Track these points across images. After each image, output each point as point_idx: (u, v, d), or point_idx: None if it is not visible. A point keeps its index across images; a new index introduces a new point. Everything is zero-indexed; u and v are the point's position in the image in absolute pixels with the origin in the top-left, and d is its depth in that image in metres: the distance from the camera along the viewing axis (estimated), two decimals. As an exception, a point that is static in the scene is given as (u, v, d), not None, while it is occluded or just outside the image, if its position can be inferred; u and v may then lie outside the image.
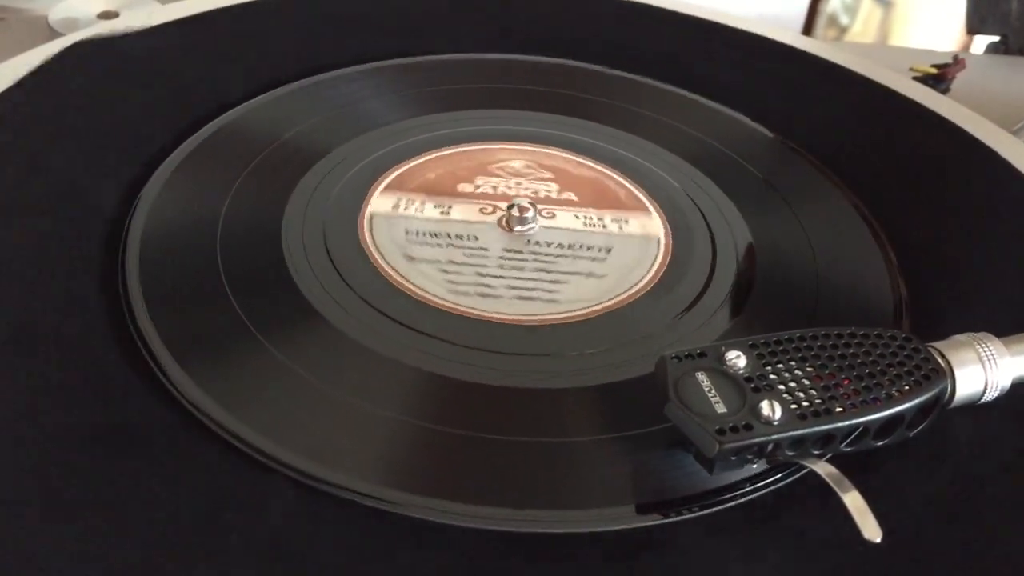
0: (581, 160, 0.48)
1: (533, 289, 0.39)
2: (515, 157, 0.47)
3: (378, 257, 0.39)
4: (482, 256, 0.40)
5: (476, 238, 0.41)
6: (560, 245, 0.42)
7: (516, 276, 0.40)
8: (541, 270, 0.40)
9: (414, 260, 0.39)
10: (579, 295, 0.39)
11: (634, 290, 0.39)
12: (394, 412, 0.33)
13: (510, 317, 0.37)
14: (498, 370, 0.35)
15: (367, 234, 0.41)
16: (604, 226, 0.43)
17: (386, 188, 0.43)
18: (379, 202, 0.42)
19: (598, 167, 0.47)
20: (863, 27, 1.24)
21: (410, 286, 0.38)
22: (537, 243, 0.42)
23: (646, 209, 0.45)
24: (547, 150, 0.48)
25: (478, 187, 0.44)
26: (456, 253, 0.40)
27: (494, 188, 0.45)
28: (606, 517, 0.30)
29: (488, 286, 0.39)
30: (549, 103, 0.52)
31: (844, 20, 1.21)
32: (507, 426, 0.33)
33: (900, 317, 0.40)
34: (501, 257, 0.41)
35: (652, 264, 0.41)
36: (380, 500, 0.30)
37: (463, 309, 0.37)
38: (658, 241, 0.42)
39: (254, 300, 0.37)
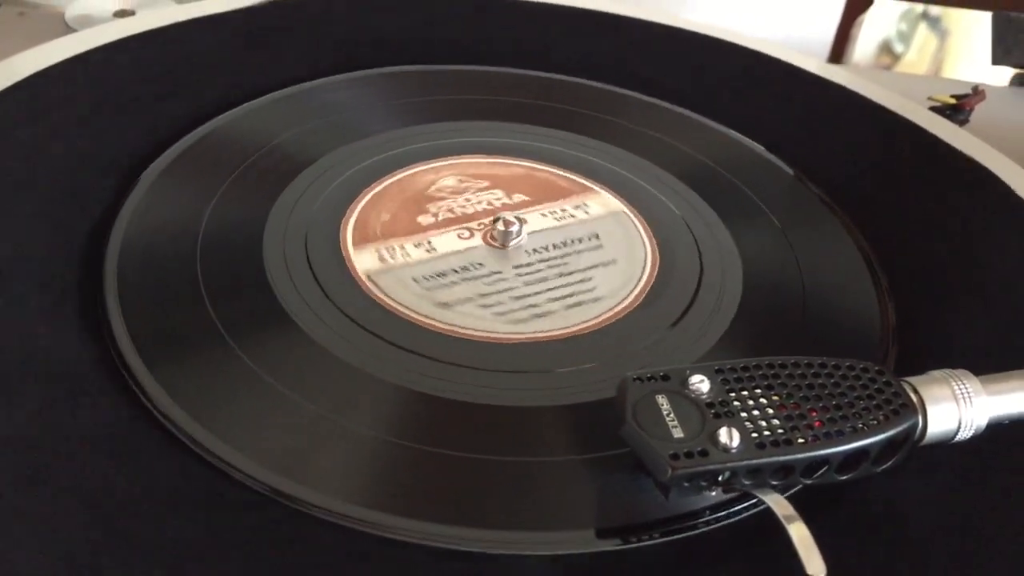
0: (502, 160, 0.47)
1: (572, 295, 0.39)
2: (443, 174, 0.46)
3: (359, 271, 0.39)
4: (501, 280, 0.40)
5: (481, 264, 0.41)
6: (555, 245, 0.42)
7: (548, 287, 0.40)
8: (562, 274, 0.40)
9: (449, 305, 0.38)
10: (611, 284, 0.40)
11: (619, 308, 0.39)
12: (362, 427, 0.33)
13: (484, 334, 0.37)
14: (468, 385, 0.35)
15: (350, 249, 0.41)
16: (572, 215, 0.42)
17: (358, 242, 0.41)
18: (363, 260, 0.40)
19: (520, 163, 0.47)
20: (917, 55, 1.22)
21: (387, 299, 0.38)
22: (536, 250, 0.41)
23: (590, 189, 0.46)
24: (470, 159, 0.47)
25: (436, 215, 0.43)
26: (478, 285, 0.39)
27: (451, 211, 0.44)
28: (568, 540, 0.30)
29: (535, 305, 0.39)
30: (544, 118, 0.52)
31: (898, 48, 1.19)
32: (475, 444, 0.33)
33: (887, 347, 0.39)
34: (519, 275, 0.40)
35: (639, 281, 0.41)
36: (342, 516, 0.30)
37: (458, 329, 0.37)
38: (644, 256, 0.42)
39: (230, 307, 0.37)
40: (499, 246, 0.42)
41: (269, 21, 0.57)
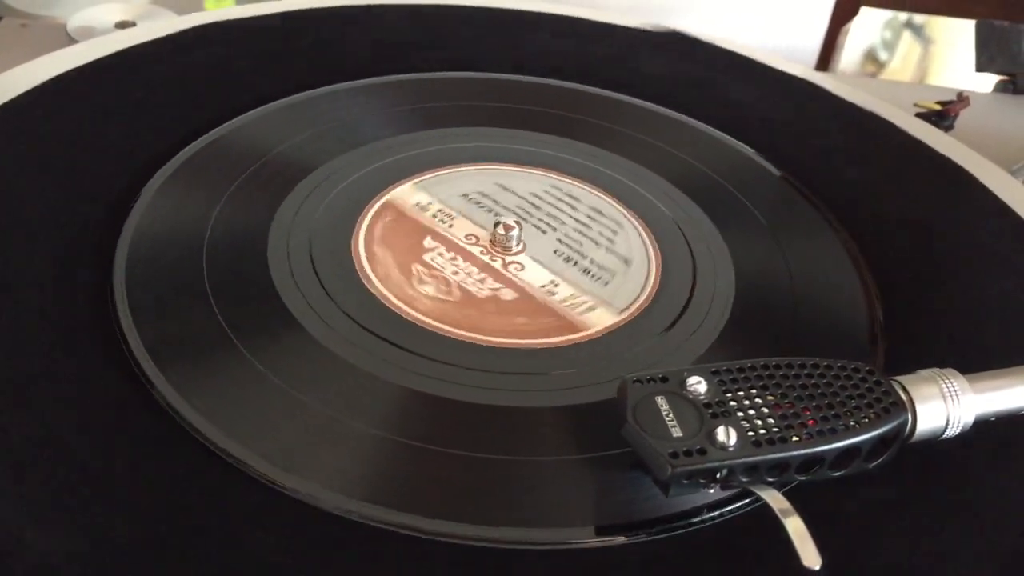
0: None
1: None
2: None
3: (367, 270, 0.40)
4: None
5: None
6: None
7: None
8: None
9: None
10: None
11: (624, 313, 0.40)
12: (367, 425, 0.33)
13: (488, 339, 0.38)
14: (475, 387, 0.36)
15: (360, 247, 0.42)
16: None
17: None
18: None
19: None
20: (902, 64, 1.23)
21: (395, 300, 0.39)
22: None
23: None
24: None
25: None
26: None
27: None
28: (567, 536, 0.31)
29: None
30: (543, 124, 0.53)
31: (883, 56, 1.20)
32: (479, 443, 0.33)
33: (875, 348, 0.40)
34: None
35: (644, 286, 0.42)
36: (348, 511, 0.30)
37: (446, 328, 0.38)
38: (647, 261, 0.43)
39: (237, 311, 0.37)
40: (503, 248, 0.43)
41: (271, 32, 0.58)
